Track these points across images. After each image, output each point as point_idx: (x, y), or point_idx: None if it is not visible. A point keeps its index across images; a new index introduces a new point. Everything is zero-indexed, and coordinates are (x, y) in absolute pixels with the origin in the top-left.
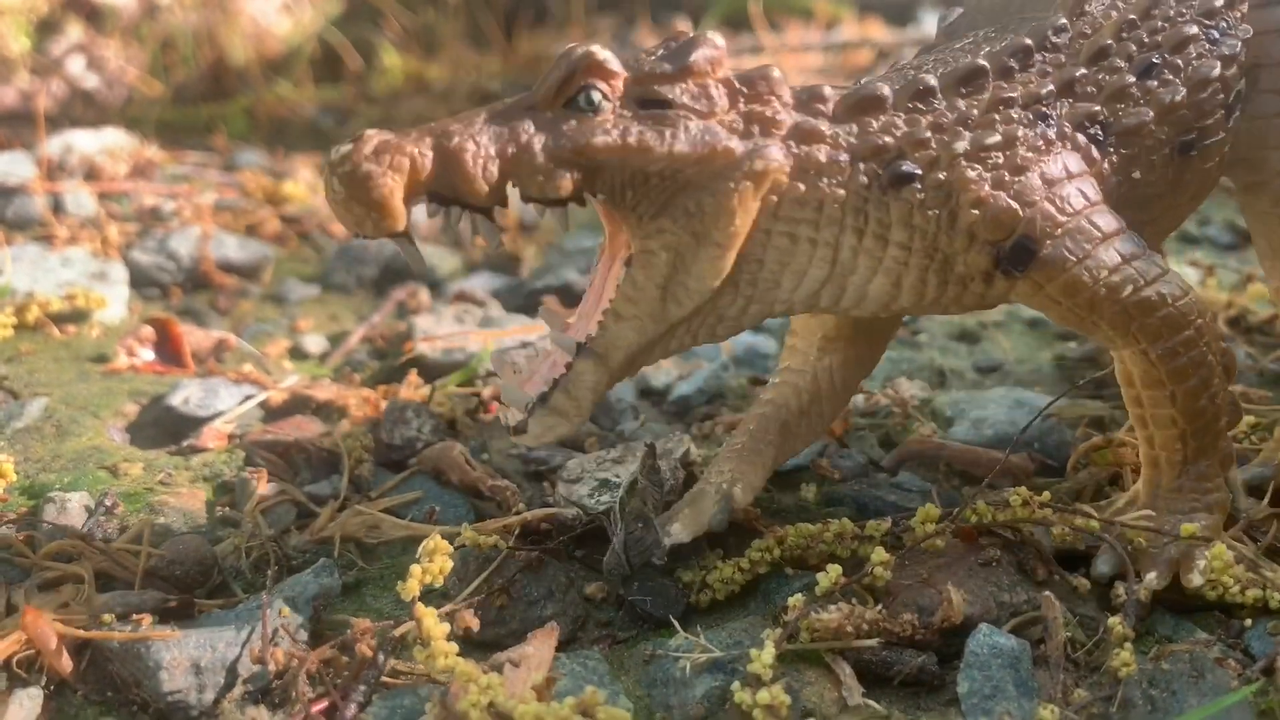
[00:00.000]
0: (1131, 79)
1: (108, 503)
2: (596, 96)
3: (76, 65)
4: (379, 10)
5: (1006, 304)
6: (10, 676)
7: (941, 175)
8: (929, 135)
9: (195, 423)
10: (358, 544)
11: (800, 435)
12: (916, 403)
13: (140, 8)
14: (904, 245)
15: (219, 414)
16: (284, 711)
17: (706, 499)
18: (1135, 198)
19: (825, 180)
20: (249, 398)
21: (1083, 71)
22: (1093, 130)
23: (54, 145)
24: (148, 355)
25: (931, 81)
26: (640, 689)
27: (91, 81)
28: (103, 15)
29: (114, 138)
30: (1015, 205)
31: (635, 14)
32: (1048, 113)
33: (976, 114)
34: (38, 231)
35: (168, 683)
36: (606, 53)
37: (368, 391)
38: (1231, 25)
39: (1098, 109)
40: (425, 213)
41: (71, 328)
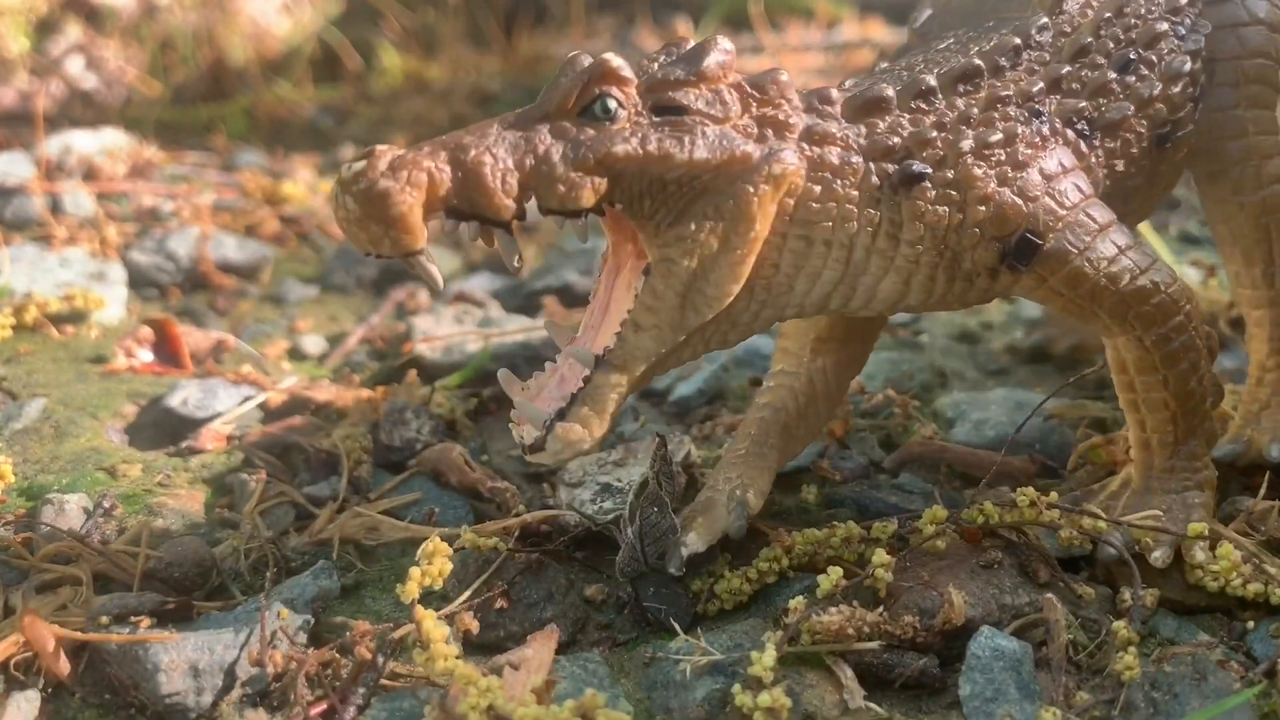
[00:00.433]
0: (1112, 75)
1: (106, 504)
2: (612, 104)
3: (75, 65)
4: (378, 10)
5: (1005, 298)
6: (8, 679)
7: (949, 173)
8: (934, 134)
9: (194, 424)
10: (356, 546)
11: (800, 437)
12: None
13: (139, 8)
14: (915, 244)
15: (218, 415)
16: (282, 714)
17: (718, 507)
18: (1119, 190)
19: (839, 182)
20: (248, 399)
21: (1067, 68)
22: (1080, 125)
23: (53, 145)
24: (146, 356)
25: (932, 81)
26: (640, 692)
27: (90, 82)
28: (102, 15)
29: (113, 138)
30: (1019, 201)
31: (635, 14)
32: (1040, 109)
33: (977, 112)
34: (36, 232)
35: (166, 685)
36: (620, 59)
37: (367, 392)
38: (1194, 21)
39: (1084, 105)
40: (444, 227)
41: (70, 328)
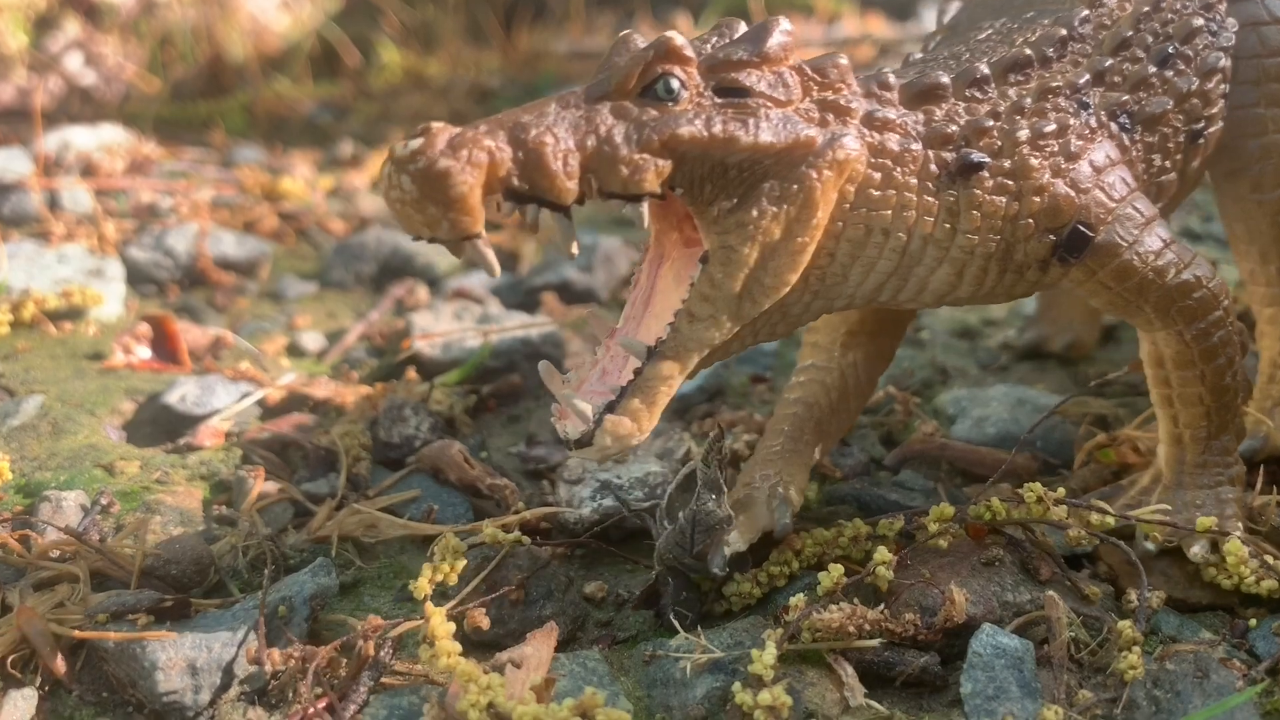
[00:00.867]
0: (1152, 69)
1: (104, 501)
2: (675, 84)
3: (74, 62)
4: (377, 6)
5: (1048, 290)
6: (5, 677)
7: (1007, 163)
8: (991, 123)
9: (192, 421)
10: (355, 543)
11: (831, 433)
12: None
13: (138, 4)
14: (971, 234)
15: (216, 412)
16: (281, 712)
17: (758, 505)
18: (1153, 185)
19: (899, 169)
20: (246, 395)
21: (1110, 61)
22: (1122, 119)
23: (51, 141)
24: (144, 353)
25: (985, 70)
26: (640, 690)
27: (89, 78)
28: (101, 11)
29: (111, 134)
30: (1072, 193)
31: (634, 9)
32: (1087, 101)
33: (1030, 102)
34: (34, 228)
35: (164, 683)
36: (682, 38)
37: (365, 389)
38: (1223, 18)
39: (1126, 98)
40: (501, 210)
41: (68, 325)
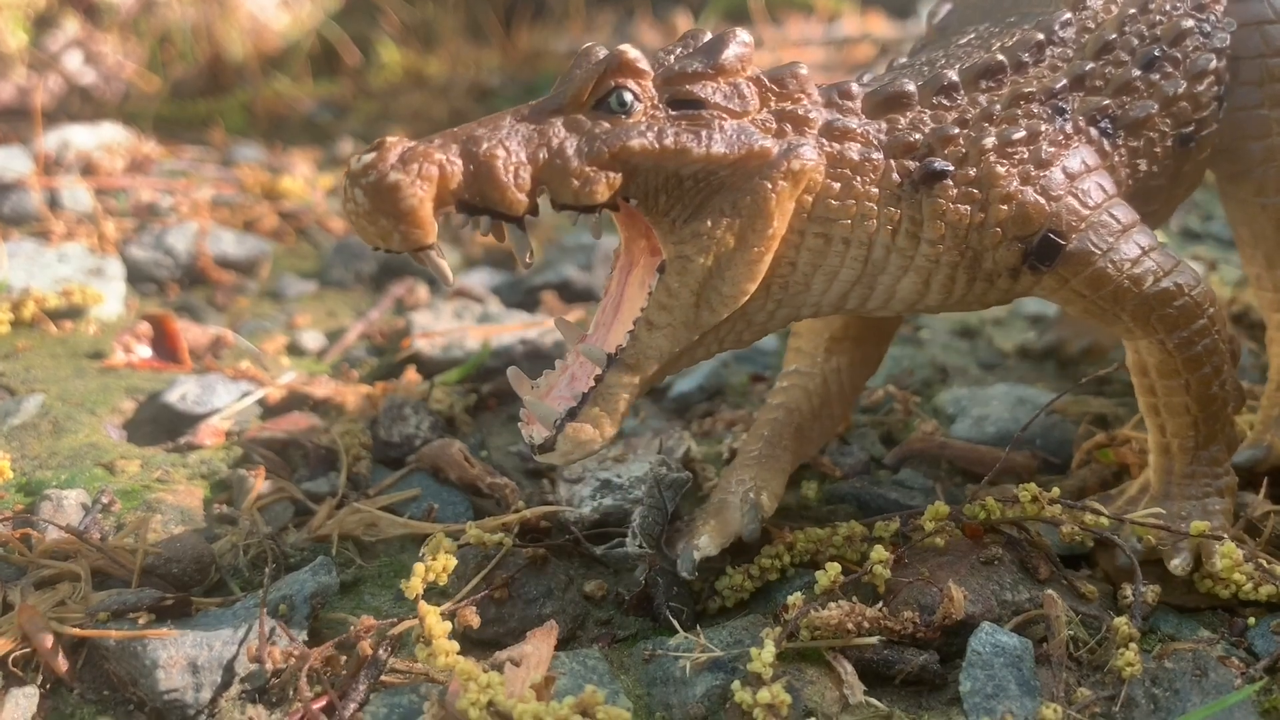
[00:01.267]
0: (1136, 72)
1: (104, 500)
2: (628, 97)
3: (74, 60)
4: (377, 5)
5: (1023, 298)
6: (6, 675)
7: (972, 171)
8: (956, 131)
9: (192, 419)
10: (356, 542)
11: (812, 439)
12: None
13: (138, 3)
14: (935, 243)
15: (216, 411)
16: (282, 710)
17: (731, 509)
18: (1141, 190)
19: (859, 178)
20: (246, 394)
21: (1091, 65)
22: (1103, 124)
23: (51, 140)
24: (145, 352)
25: (954, 76)
26: (640, 688)
27: (89, 77)
28: (100, 10)
29: (111, 133)
30: (1042, 200)
31: (635, 8)
32: (1064, 107)
33: (1000, 109)
34: (34, 227)
35: (164, 681)
36: (636, 51)
37: (366, 388)
38: (1219, 19)
39: (1107, 102)
40: (454, 221)
41: (68, 324)
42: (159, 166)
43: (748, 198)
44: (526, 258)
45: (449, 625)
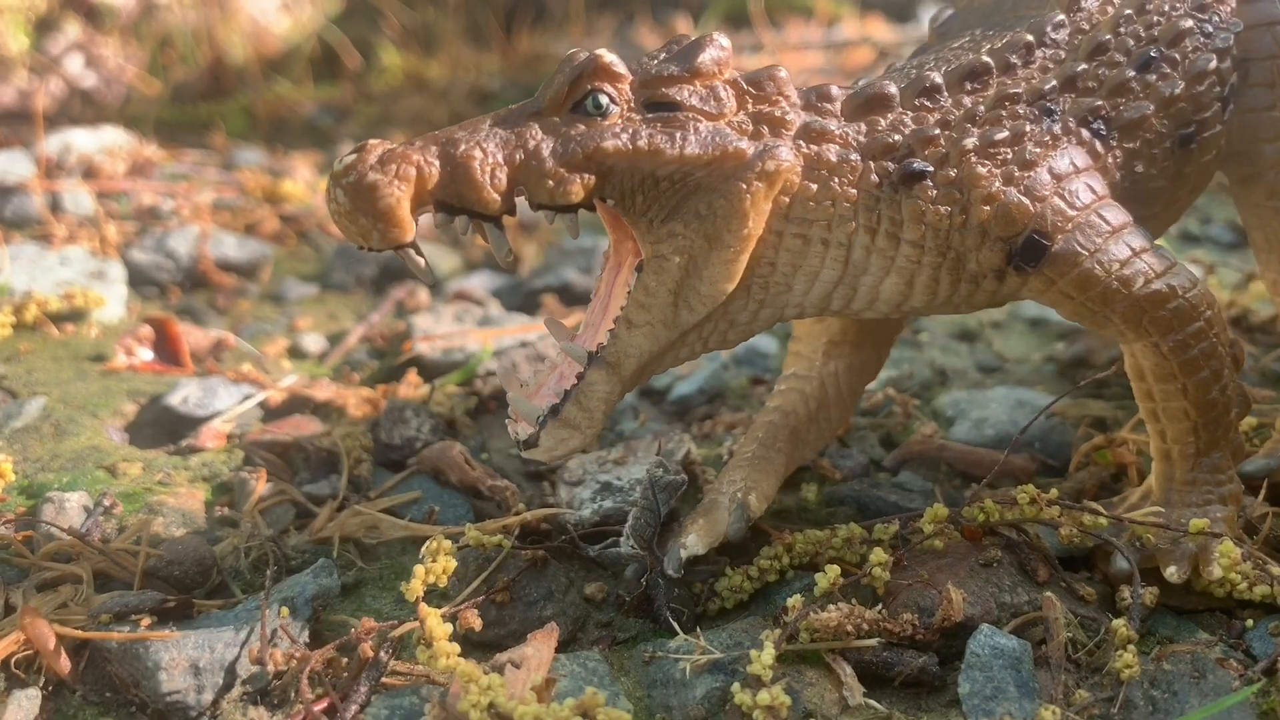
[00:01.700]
0: (1131, 73)
1: (106, 503)
2: (604, 100)
3: (75, 64)
4: (378, 8)
5: (1015, 301)
6: (9, 677)
7: (952, 172)
8: (937, 132)
9: (194, 422)
10: (357, 544)
11: (810, 442)
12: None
13: (139, 6)
14: (916, 244)
15: (217, 414)
16: (283, 712)
17: (720, 509)
18: (1139, 192)
19: (836, 180)
20: (248, 397)
21: (1083, 66)
22: (1096, 125)
23: (52, 144)
24: (146, 354)
25: (937, 79)
26: (640, 690)
27: (90, 80)
28: (101, 14)
29: (112, 136)
30: (1026, 201)
31: (635, 12)
32: (1052, 108)
33: (983, 110)
34: (36, 230)
35: (166, 683)
36: (613, 56)
37: (367, 391)
38: (1223, 19)
39: (1100, 103)
40: (434, 221)
41: (70, 327)
42: (160, 170)
43: (722, 199)
44: (505, 256)
45: (450, 627)
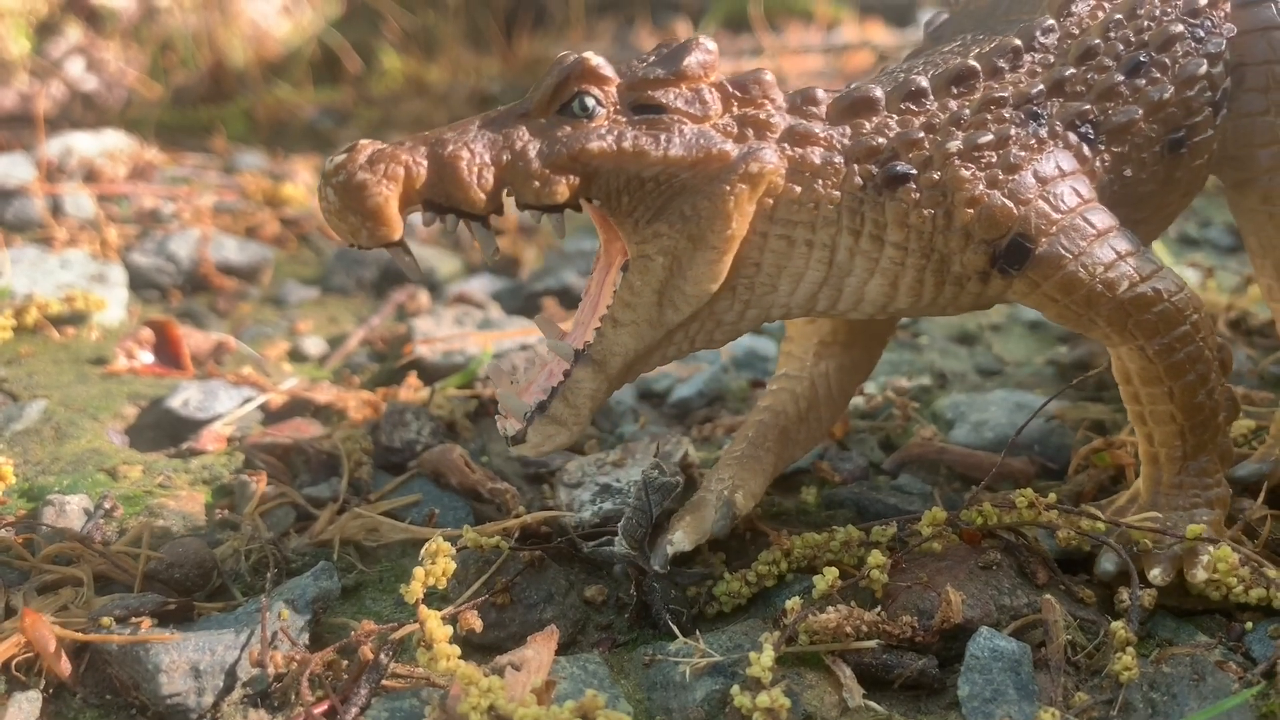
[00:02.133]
0: (1120, 77)
1: (107, 505)
2: (590, 102)
3: (76, 67)
4: (378, 12)
5: (1004, 304)
6: (9, 679)
7: (936, 175)
8: (922, 135)
9: (194, 425)
10: (357, 547)
11: (800, 441)
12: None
13: (139, 10)
14: (900, 245)
15: (218, 416)
16: (283, 714)
17: (707, 506)
18: (1128, 196)
19: (820, 182)
20: (248, 400)
21: (1071, 71)
22: (1083, 129)
23: (53, 147)
24: (147, 357)
25: (923, 83)
26: (640, 692)
27: (91, 83)
28: (102, 17)
29: (113, 140)
30: (1010, 204)
31: (635, 16)
32: (1039, 112)
33: (969, 114)
34: (37, 233)
35: (167, 685)
36: (600, 59)
37: (367, 394)
38: (1215, 24)
39: (1088, 107)
40: (423, 219)
41: (71, 330)
42: (161, 173)
43: (707, 200)
44: (492, 255)
45: (450, 630)
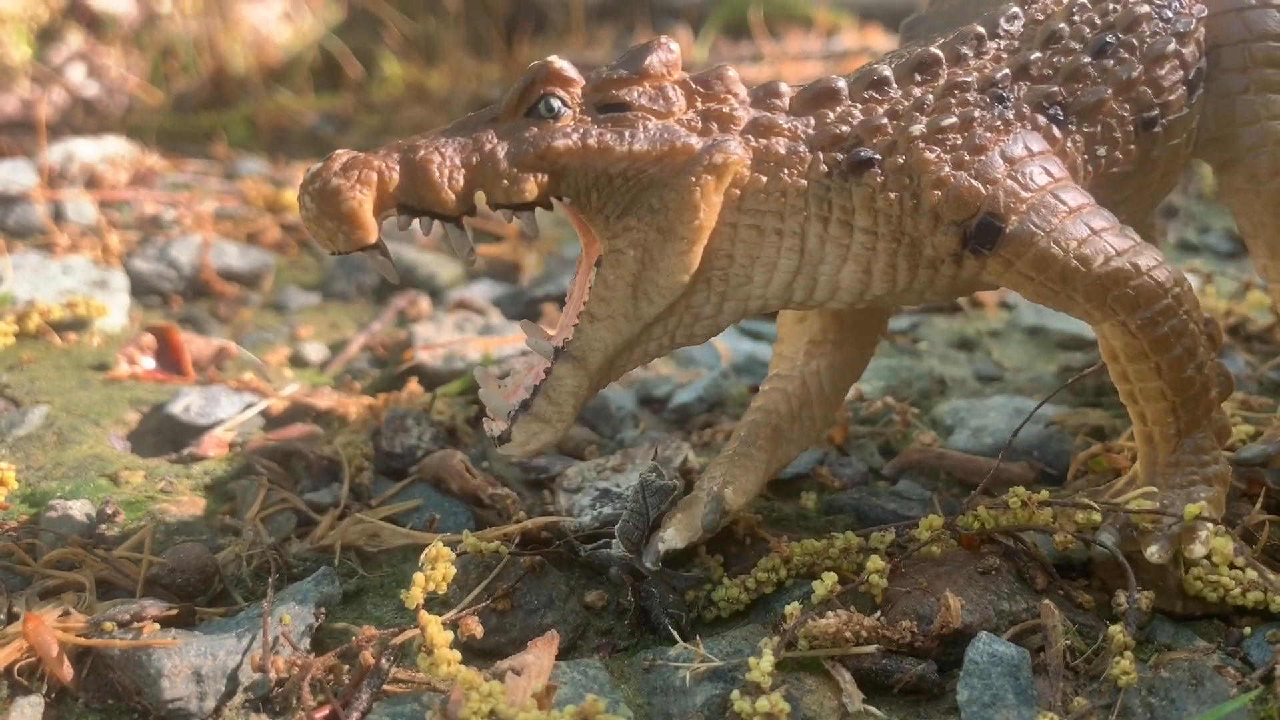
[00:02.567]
0: (1087, 59)
1: (109, 510)
2: (556, 103)
3: (77, 73)
4: (379, 18)
5: (985, 289)
6: (11, 684)
7: (900, 159)
8: (885, 121)
9: (196, 431)
10: (358, 552)
11: (794, 440)
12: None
13: (141, 16)
14: (869, 230)
15: (220, 422)
16: (285, 719)
17: (698, 504)
18: (1104, 177)
19: (786, 171)
20: (249, 406)
21: (1037, 55)
22: (1052, 110)
23: (55, 153)
24: (148, 363)
25: (886, 71)
26: (640, 697)
27: (92, 90)
28: (103, 23)
29: (115, 146)
30: (977, 184)
31: (634, 23)
32: (1004, 95)
33: (932, 99)
34: (39, 239)
35: (169, 690)
36: (564, 62)
37: (368, 399)
38: (1183, 4)
39: (1056, 89)
40: (398, 223)
41: (72, 335)
42: (162, 179)
43: (674, 192)
44: (468, 255)
45: (450, 635)
